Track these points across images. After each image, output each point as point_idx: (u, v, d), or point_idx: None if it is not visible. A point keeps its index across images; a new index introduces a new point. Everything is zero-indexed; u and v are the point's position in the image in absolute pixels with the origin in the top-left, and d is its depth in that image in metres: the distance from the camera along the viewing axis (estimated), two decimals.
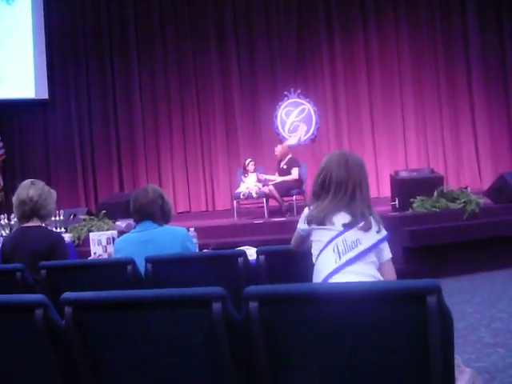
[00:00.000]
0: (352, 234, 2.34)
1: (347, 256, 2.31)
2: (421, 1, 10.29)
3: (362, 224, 2.36)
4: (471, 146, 10.06)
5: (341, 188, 2.41)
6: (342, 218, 2.38)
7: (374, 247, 2.38)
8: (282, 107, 10.82)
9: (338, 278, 2.29)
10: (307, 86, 10.81)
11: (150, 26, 11.29)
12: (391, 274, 2.45)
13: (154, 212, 3.26)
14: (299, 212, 8.26)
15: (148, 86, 11.35)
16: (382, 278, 2.37)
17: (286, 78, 10.81)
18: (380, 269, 2.41)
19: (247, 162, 8.94)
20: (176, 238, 3.22)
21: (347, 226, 2.36)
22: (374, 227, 2.39)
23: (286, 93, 10.78)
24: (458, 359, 2.11)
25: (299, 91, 10.74)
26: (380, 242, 2.40)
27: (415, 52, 10.34)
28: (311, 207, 2.49)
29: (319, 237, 2.41)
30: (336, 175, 2.43)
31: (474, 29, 10.00)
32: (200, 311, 1.57)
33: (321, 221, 2.40)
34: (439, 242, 6.50)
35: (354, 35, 10.58)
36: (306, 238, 2.54)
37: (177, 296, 1.62)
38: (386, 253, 2.44)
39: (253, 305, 1.53)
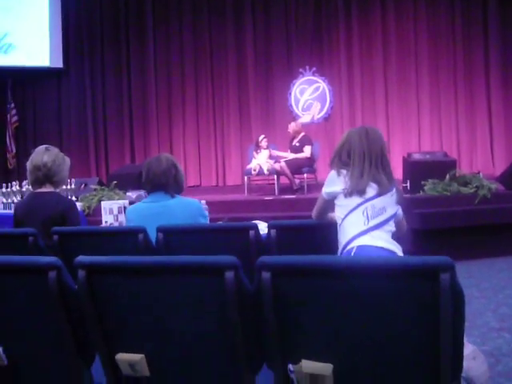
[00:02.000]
0: (380, 202, 2.59)
1: (375, 221, 2.55)
2: None
3: (388, 193, 2.61)
4: (485, 132, 9.96)
5: (365, 158, 2.62)
6: (371, 187, 2.60)
7: (396, 215, 2.66)
8: (297, 84, 10.75)
9: (365, 240, 2.51)
10: (323, 64, 10.73)
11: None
12: (404, 224, 2.84)
13: (167, 182, 3.20)
14: (309, 190, 8.25)
15: (163, 60, 11.32)
16: (398, 246, 2.58)
17: (301, 55, 10.73)
18: (398, 224, 2.71)
19: (260, 139, 8.91)
20: (188, 209, 3.19)
21: (376, 194, 2.58)
22: (396, 197, 2.65)
23: (301, 70, 10.71)
24: None
25: (314, 69, 10.66)
26: (398, 209, 2.70)
27: (433, 33, 10.21)
28: (341, 176, 2.65)
29: (346, 202, 2.60)
30: (359, 146, 2.64)
31: (494, 12, 9.83)
32: (212, 279, 1.58)
33: (358, 192, 2.58)
34: (449, 225, 6.50)
35: (372, 14, 10.45)
36: (329, 203, 2.72)
37: (190, 263, 1.63)
38: (401, 211, 2.77)
39: (265, 275, 1.53)
